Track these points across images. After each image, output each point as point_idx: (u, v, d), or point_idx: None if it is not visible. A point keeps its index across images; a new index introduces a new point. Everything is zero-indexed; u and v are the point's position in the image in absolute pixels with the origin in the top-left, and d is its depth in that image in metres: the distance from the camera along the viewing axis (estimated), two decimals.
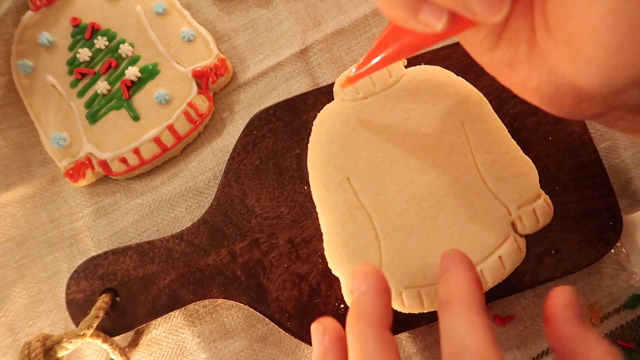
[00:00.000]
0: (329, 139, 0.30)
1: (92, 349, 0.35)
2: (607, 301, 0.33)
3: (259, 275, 0.32)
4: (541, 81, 0.20)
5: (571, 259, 0.31)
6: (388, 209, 0.28)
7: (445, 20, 0.18)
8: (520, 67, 0.21)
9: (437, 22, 0.18)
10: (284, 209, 0.33)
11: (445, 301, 0.22)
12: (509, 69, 0.21)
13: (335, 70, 0.37)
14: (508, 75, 0.22)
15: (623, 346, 0.32)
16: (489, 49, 0.21)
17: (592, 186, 0.32)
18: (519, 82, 0.21)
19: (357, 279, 0.24)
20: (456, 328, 0.20)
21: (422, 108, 0.29)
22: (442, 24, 0.18)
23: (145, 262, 0.33)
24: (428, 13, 0.18)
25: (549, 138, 0.32)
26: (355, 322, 0.22)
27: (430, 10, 0.18)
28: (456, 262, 0.23)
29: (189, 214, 0.36)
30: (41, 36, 0.36)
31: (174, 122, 0.35)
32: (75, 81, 0.36)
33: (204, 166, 0.37)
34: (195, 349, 0.34)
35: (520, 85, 0.21)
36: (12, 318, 0.35)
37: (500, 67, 0.22)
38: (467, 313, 0.21)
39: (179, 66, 0.36)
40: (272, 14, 0.39)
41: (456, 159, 0.28)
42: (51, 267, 0.36)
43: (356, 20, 0.38)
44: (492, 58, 0.22)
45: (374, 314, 0.22)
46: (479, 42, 0.22)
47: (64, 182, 0.37)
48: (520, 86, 0.21)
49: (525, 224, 0.28)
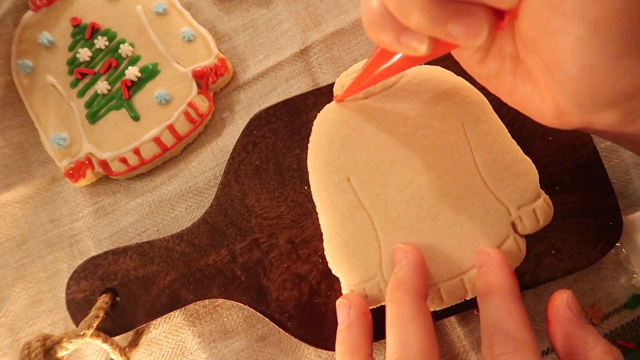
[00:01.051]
0: (329, 139, 0.30)
1: (92, 349, 0.35)
2: (607, 301, 0.33)
3: (259, 275, 0.32)
4: (525, 93, 0.22)
5: (571, 259, 0.31)
6: (388, 209, 0.28)
7: (427, 44, 0.19)
8: (507, 79, 0.22)
9: (420, 45, 0.19)
10: (284, 209, 0.33)
11: (485, 292, 0.24)
12: (497, 80, 0.23)
13: (335, 70, 0.37)
14: (496, 86, 0.23)
15: (623, 346, 0.32)
16: (478, 62, 0.23)
17: (592, 186, 0.32)
18: (506, 92, 0.23)
19: (398, 254, 0.26)
20: (495, 314, 0.23)
21: (422, 108, 0.29)
22: (424, 47, 0.19)
23: (145, 262, 0.33)
24: (410, 37, 0.19)
25: (549, 138, 0.32)
26: (395, 290, 0.24)
27: (412, 35, 0.19)
28: (491, 258, 0.25)
29: (189, 214, 0.36)
30: (41, 36, 0.36)
31: (174, 122, 0.36)
32: (76, 81, 0.36)
33: (204, 166, 0.37)
34: (195, 349, 0.34)
35: (508, 96, 0.23)
36: (12, 318, 0.35)
37: (488, 78, 0.23)
38: (505, 300, 0.23)
39: (179, 66, 0.36)
40: (272, 14, 0.39)
41: (456, 159, 0.28)
42: (51, 267, 0.36)
43: (356, 20, 0.38)
44: (481, 71, 0.23)
45: (412, 284, 0.24)
46: (469, 57, 0.23)
47: (64, 182, 0.37)
48: (508, 97, 0.23)
49: (525, 224, 0.28)
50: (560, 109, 0.20)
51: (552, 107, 0.20)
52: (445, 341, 0.33)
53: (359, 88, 0.28)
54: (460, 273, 0.27)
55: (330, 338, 0.31)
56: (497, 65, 0.22)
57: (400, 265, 0.26)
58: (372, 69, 0.25)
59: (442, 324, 0.33)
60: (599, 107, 0.19)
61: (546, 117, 0.21)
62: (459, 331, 0.33)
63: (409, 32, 0.18)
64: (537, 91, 0.21)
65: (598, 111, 0.19)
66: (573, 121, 0.21)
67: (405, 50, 0.19)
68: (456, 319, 0.33)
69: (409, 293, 0.24)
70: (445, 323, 0.33)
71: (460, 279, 0.27)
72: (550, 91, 0.20)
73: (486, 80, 0.24)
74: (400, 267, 0.26)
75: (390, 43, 0.19)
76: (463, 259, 0.27)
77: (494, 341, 0.22)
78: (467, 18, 0.17)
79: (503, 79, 0.22)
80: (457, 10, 0.17)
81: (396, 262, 0.26)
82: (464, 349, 0.33)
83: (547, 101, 0.20)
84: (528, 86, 0.21)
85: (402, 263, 0.26)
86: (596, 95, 0.18)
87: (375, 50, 0.24)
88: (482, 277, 0.25)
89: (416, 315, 0.23)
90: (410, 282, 0.25)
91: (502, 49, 0.21)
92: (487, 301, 0.24)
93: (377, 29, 0.19)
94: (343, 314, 0.26)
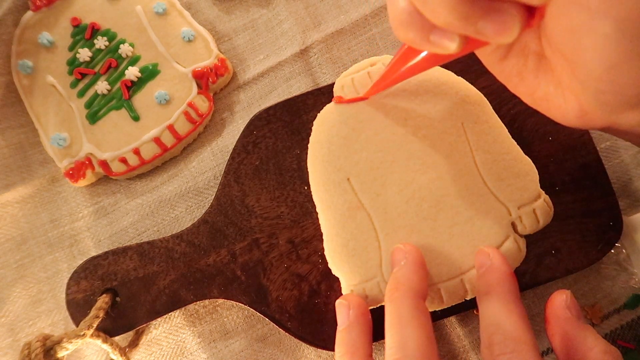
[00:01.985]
0: (329, 139, 0.30)
1: (92, 349, 0.35)
2: (607, 301, 0.33)
3: (259, 275, 0.32)
4: (548, 92, 0.21)
5: (571, 259, 0.31)
6: (388, 209, 0.28)
7: (458, 42, 0.18)
8: (529, 78, 0.22)
9: (450, 43, 0.18)
10: (284, 209, 0.33)
11: (484, 291, 0.24)
12: (518, 78, 0.22)
13: (335, 70, 0.37)
14: (517, 84, 0.23)
15: (623, 346, 0.32)
16: (499, 60, 0.23)
17: (592, 186, 0.32)
18: (527, 92, 0.22)
19: (397, 255, 0.26)
20: (494, 314, 0.23)
21: (422, 108, 0.29)
22: (455, 45, 0.18)
23: (146, 262, 0.33)
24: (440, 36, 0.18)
25: (549, 138, 0.32)
26: (394, 291, 0.24)
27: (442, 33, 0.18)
28: (491, 258, 0.25)
29: (189, 214, 0.36)
30: (41, 36, 0.36)
31: (174, 122, 0.36)
32: (76, 81, 0.36)
33: (204, 166, 0.37)
34: (195, 349, 0.34)
35: (528, 96, 0.22)
36: (12, 318, 0.35)
37: (510, 76, 0.23)
38: (504, 301, 0.23)
39: (179, 66, 0.36)
40: (272, 14, 0.39)
41: (456, 159, 0.28)
42: (51, 267, 0.36)
43: (356, 20, 0.38)
44: (502, 68, 0.23)
45: (411, 285, 0.24)
46: (491, 54, 0.23)
47: (64, 182, 0.37)
48: (528, 96, 0.22)
49: (525, 224, 0.28)
50: (584, 109, 0.20)
51: (575, 107, 0.20)
52: (445, 341, 0.33)
53: (384, 87, 0.28)
54: (460, 273, 0.27)
55: (330, 338, 0.31)
56: (520, 63, 0.22)
57: (400, 266, 0.26)
58: (398, 67, 0.24)
59: (442, 324, 0.33)
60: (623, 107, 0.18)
61: (568, 118, 0.21)
62: (459, 331, 0.33)
63: (439, 30, 0.18)
64: (559, 91, 0.20)
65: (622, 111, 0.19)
66: (596, 121, 0.20)
67: (435, 48, 0.19)
68: (456, 319, 0.33)
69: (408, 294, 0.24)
70: (445, 323, 0.33)
71: (460, 279, 0.27)
72: (574, 90, 0.19)
73: (507, 78, 0.23)
74: (400, 267, 0.26)
75: (419, 42, 0.19)
76: (463, 259, 0.27)
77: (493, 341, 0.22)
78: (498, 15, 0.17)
79: (525, 77, 0.22)
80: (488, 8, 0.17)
81: (395, 262, 0.26)
82: (464, 349, 0.33)
83: (570, 101, 0.20)
84: (551, 85, 0.21)
85: (401, 263, 0.26)
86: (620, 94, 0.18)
87: (402, 48, 0.23)
88: (482, 277, 0.25)
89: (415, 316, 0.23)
90: (409, 282, 0.25)
91: (527, 47, 0.21)
92: (486, 301, 0.24)
93: (406, 27, 0.19)
94: (342, 315, 0.26)
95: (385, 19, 0.38)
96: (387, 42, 0.38)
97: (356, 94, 0.30)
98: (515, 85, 0.23)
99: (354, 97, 0.30)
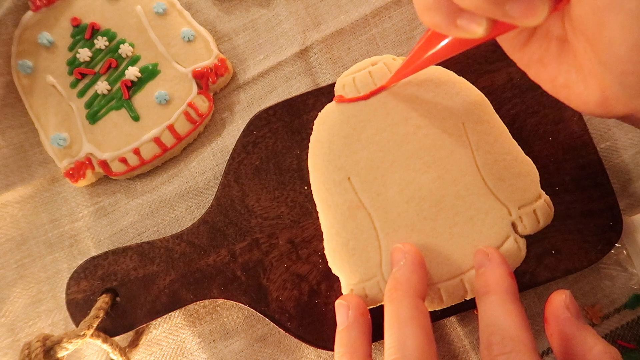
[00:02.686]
0: (329, 139, 0.30)
1: (92, 349, 0.35)
2: (607, 301, 0.33)
3: (259, 275, 0.32)
4: (569, 79, 0.21)
5: (571, 259, 0.31)
6: (388, 209, 0.28)
7: (485, 26, 0.18)
8: (550, 65, 0.21)
9: (478, 27, 0.18)
10: (284, 209, 0.33)
11: (483, 292, 0.24)
12: (539, 65, 0.22)
13: (335, 70, 0.37)
14: (538, 71, 0.22)
15: (623, 346, 0.32)
16: (521, 45, 0.22)
17: (592, 186, 0.32)
18: (548, 78, 0.22)
19: (396, 255, 0.26)
20: (493, 314, 0.23)
21: (423, 108, 0.29)
22: (482, 29, 0.18)
23: (145, 262, 0.33)
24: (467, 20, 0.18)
25: (549, 138, 0.32)
26: (393, 291, 0.24)
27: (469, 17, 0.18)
28: (489, 258, 0.25)
29: (189, 214, 0.36)
30: (41, 36, 0.36)
31: (174, 122, 0.36)
32: (76, 81, 0.36)
33: (204, 166, 0.37)
34: (195, 349, 0.34)
35: (549, 82, 0.22)
36: (12, 318, 0.35)
37: (531, 63, 0.22)
38: (503, 301, 0.23)
39: (179, 66, 0.36)
40: (272, 14, 0.39)
41: (457, 159, 0.28)
42: (51, 268, 0.36)
43: (356, 20, 0.38)
44: (524, 54, 0.22)
45: (410, 285, 0.24)
46: (512, 39, 0.22)
47: (64, 182, 0.37)
48: (549, 83, 0.22)
49: (525, 224, 0.28)
50: (606, 94, 0.19)
51: (596, 93, 0.19)
52: (445, 341, 0.33)
53: (406, 74, 0.27)
54: (460, 273, 0.27)
55: (330, 338, 0.31)
56: (542, 49, 0.21)
57: (399, 266, 0.26)
58: (421, 53, 0.24)
59: (442, 324, 0.33)
60: None
61: (590, 105, 0.20)
62: (459, 331, 0.33)
63: (466, 14, 0.18)
64: (581, 77, 0.20)
65: None
66: (618, 108, 0.20)
67: (462, 33, 0.19)
68: (456, 319, 0.33)
69: (408, 294, 0.24)
70: (445, 323, 0.33)
71: (460, 279, 0.27)
72: (596, 75, 0.19)
73: (527, 65, 0.23)
74: (399, 267, 0.26)
75: (445, 26, 0.19)
76: (463, 259, 0.27)
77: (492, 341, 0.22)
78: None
79: (546, 64, 0.21)
80: None
81: (395, 262, 0.26)
82: (464, 349, 0.33)
83: (592, 87, 0.20)
84: (572, 72, 0.20)
85: (400, 263, 0.26)
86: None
87: (425, 34, 0.23)
88: (481, 277, 0.25)
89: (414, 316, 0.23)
90: (408, 282, 0.25)
91: (549, 32, 0.21)
92: (485, 301, 0.24)
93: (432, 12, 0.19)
94: (342, 315, 0.26)
95: (386, 19, 0.38)
96: (387, 42, 0.38)
97: (357, 93, 0.30)
98: (535, 72, 0.22)
99: (355, 97, 0.30)
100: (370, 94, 0.30)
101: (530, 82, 0.23)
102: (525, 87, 0.33)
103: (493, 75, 0.33)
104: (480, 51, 0.33)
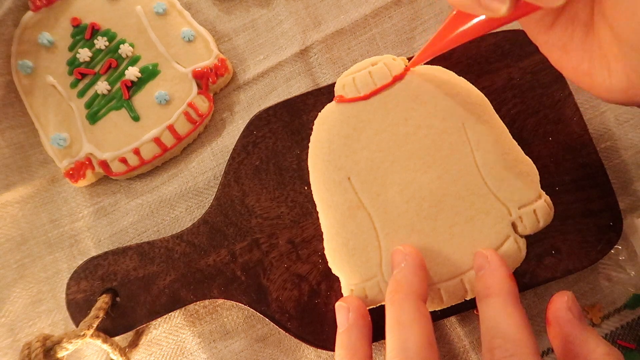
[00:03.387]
0: (329, 139, 0.30)
1: (92, 349, 0.35)
2: (607, 301, 0.33)
3: (259, 275, 0.32)
4: (593, 66, 0.20)
5: (571, 259, 0.31)
6: (388, 209, 0.28)
7: (508, 4, 0.18)
8: (574, 50, 0.21)
9: (501, 5, 0.18)
10: (284, 209, 0.33)
11: (483, 294, 0.24)
12: (562, 51, 0.22)
13: (335, 70, 0.37)
14: (560, 57, 0.22)
15: (623, 346, 0.32)
16: (546, 29, 0.22)
17: (592, 186, 0.32)
18: (571, 65, 0.22)
19: (397, 257, 0.26)
20: (494, 317, 0.23)
21: (423, 108, 0.29)
22: (505, 7, 0.18)
23: (146, 262, 0.33)
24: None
25: (549, 138, 0.32)
26: (394, 293, 0.24)
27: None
28: (489, 260, 0.25)
29: (189, 214, 0.36)
30: (41, 36, 0.36)
31: (174, 122, 0.35)
32: (76, 81, 0.36)
33: (204, 166, 0.37)
34: (195, 349, 0.34)
35: (572, 69, 0.22)
36: (12, 318, 0.35)
37: (554, 48, 0.22)
38: (503, 303, 0.23)
39: (179, 66, 0.36)
40: (272, 14, 0.39)
41: (457, 159, 0.28)
42: (51, 268, 0.36)
43: (356, 20, 0.38)
44: (548, 39, 0.22)
45: (411, 287, 0.24)
46: (536, 22, 0.22)
47: (64, 182, 0.37)
48: (572, 70, 0.22)
49: (525, 224, 0.28)
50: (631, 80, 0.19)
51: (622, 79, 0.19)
52: (445, 341, 0.33)
53: (431, 54, 0.27)
54: (460, 273, 0.27)
55: (330, 338, 0.31)
56: (567, 34, 0.21)
57: (400, 268, 0.26)
58: (446, 34, 0.24)
59: (442, 324, 0.33)
60: None
61: (613, 93, 0.20)
62: (459, 331, 0.33)
63: None
64: (605, 64, 0.20)
65: None
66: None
67: (486, 11, 0.19)
68: (456, 319, 0.33)
69: (409, 296, 0.24)
70: (445, 323, 0.33)
71: (460, 279, 0.27)
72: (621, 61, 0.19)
73: (550, 50, 0.23)
74: (400, 269, 0.25)
75: (470, 5, 0.19)
76: (463, 259, 0.27)
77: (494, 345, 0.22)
78: None
79: (570, 50, 0.21)
80: None
81: (395, 264, 0.26)
82: (464, 349, 0.33)
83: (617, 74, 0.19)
84: (596, 59, 0.20)
85: (401, 265, 0.26)
86: None
87: (450, 15, 0.23)
88: (480, 279, 0.25)
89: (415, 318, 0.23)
90: (409, 284, 0.25)
91: (576, 16, 0.21)
92: (485, 304, 0.24)
93: None
94: (342, 317, 0.26)
95: (386, 19, 0.38)
96: (387, 42, 0.38)
97: (357, 93, 0.30)
98: (558, 58, 0.22)
99: (355, 97, 0.30)
100: (370, 94, 0.30)
101: (531, 82, 0.23)
102: (525, 87, 0.32)
103: (493, 75, 0.33)
104: (481, 51, 0.33)
